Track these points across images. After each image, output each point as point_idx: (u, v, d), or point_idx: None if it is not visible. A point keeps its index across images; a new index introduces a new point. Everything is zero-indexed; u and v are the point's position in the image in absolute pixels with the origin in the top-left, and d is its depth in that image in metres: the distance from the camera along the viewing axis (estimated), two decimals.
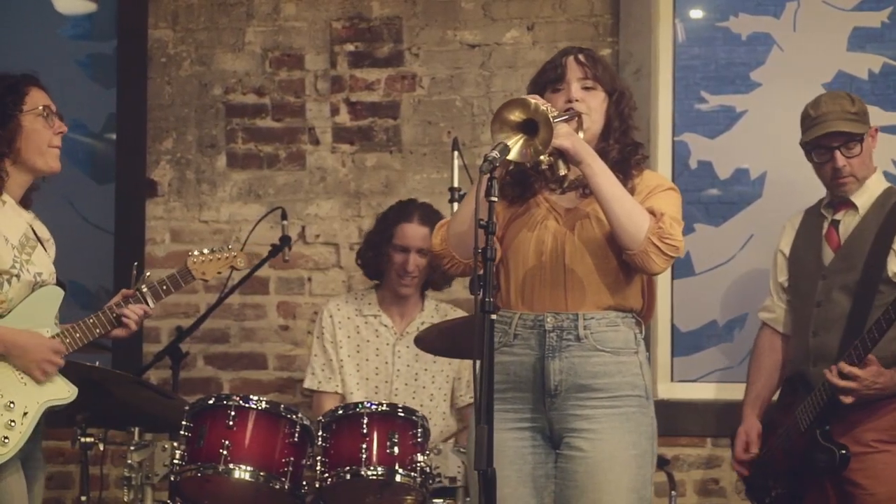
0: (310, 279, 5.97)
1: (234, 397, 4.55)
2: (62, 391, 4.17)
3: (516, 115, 3.55)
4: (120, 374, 4.84)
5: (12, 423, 4.02)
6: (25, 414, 4.06)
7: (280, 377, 5.96)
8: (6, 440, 4.00)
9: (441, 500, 4.67)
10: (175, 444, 4.55)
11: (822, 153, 4.75)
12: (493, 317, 3.35)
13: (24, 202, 4.28)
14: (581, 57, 3.91)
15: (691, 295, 5.79)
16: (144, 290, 4.32)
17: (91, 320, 4.24)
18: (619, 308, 3.81)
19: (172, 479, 4.51)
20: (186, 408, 4.58)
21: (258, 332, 5.98)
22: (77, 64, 6.19)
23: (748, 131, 5.78)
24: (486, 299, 3.33)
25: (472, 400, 4.60)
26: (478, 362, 3.30)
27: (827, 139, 4.70)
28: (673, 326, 5.78)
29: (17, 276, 4.09)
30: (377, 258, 5.29)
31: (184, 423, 4.52)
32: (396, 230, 5.24)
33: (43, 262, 4.23)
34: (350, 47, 5.99)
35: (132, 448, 4.83)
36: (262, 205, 5.91)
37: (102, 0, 6.21)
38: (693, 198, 5.76)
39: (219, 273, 4.56)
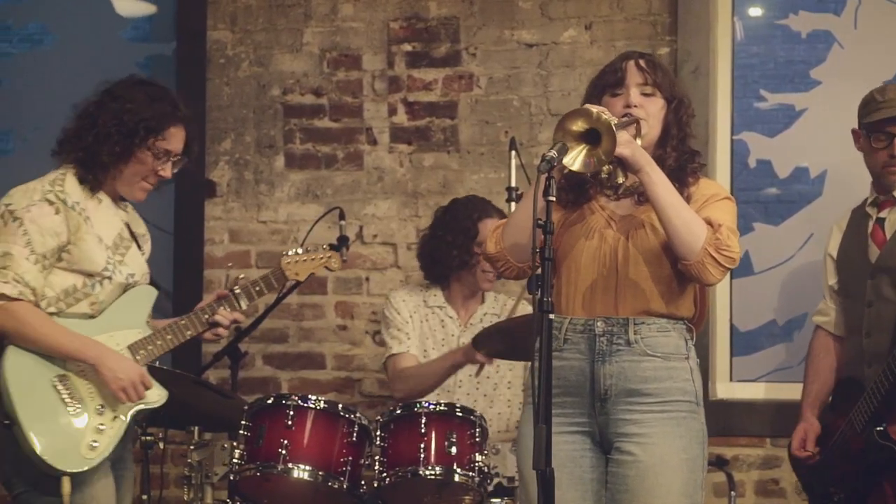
0: (367, 279, 5.98)
1: (293, 397, 4.56)
2: (153, 395, 4.19)
3: (579, 125, 3.51)
4: (180, 374, 4.86)
5: (101, 428, 4.00)
6: (115, 418, 4.05)
7: (338, 377, 5.98)
8: (95, 444, 3.98)
9: (499, 500, 4.66)
10: (234, 443, 4.56)
11: (881, 138, 4.70)
12: (551, 316, 3.35)
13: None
14: (642, 62, 3.85)
15: (750, 294, 5.76)
16: (238, 291, 4.32)
17: (183, 322, 4.25)
18: (671, 316, 3.78)
19: (232, 478, 4.52)
20: (245, 407, 4.59)
21: (316, 331, 6.00)
22: (137, 66, 6.21)
23: (808, 130, 5.74)
24: (545, 299, 3.33)
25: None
26: (533, 362, 3.30)
27: (891, 124, 4.66)
28: (732, 326, 5.75)
29: (109, 277, 4.08)
30: (462, 256, 5.23)
31: (243, 422, 4.54)
32: (481, 227, 5.19)
33: (136, 262, 4.21)
34: (407, 47, 6.00)
35: (192, 447, 4.86)
36: (320, 205, 5.93)
37: (162, 2, 6.25)
38: (752, 197, 5.73)
39: (312, 274, 4.56)
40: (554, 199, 3.40)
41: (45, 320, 4.00)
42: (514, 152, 4.89)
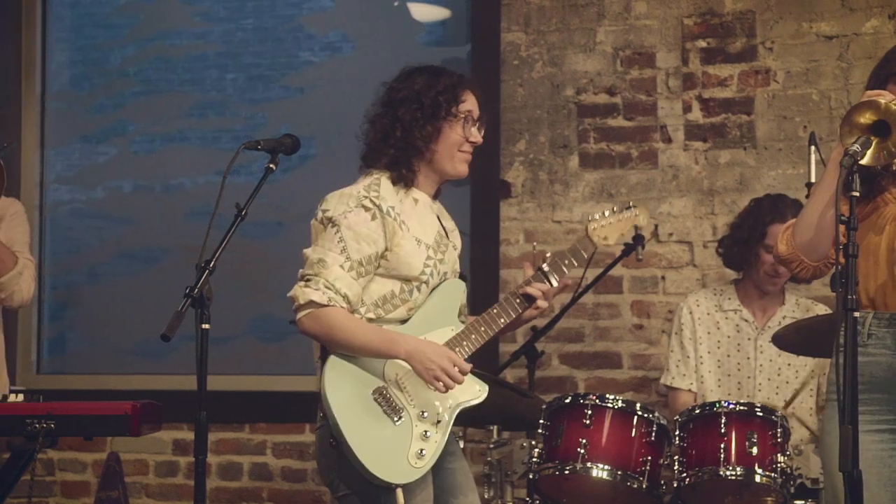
0: (663, 278, 5.94)
1: (591, 396, 4.57)
2: (472, 391, 4.05)
3: (867, 117, 3.44)
4: (479, 374, 4.92)
5: (427, 434, 3.91)
6: (438, 423, 3.95)
7: (635, 376, 5.96)
8: (423, 453, 3.88)
9: (803, 502, 4.57)
10: (533, 442, 4.60)
11: None
12: (857, 314, 3.26)
13: (434, 194, 4.22)
14: None
15: None
16: (546, 269, 4.18)
17: (495, 310, 4.11)
18: None
19: (531, 476, 4.56)
20: (543, 406, 4.62)
21: (612, 331, 5.99)
22: None
23: None
24: (849, 296, 3.25)
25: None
26: (838, 360, 3.22)
27: None
28: None
29: (427, 282, 4.03)
30: (743, 254, 5.19)
31: (541, 421, 4.57)
32: (770, 230, 5.12)
33: (452, 260, 4.16)
34: (702, 43, 5.94)
35: (491, 446, 4.92)
36: (615, 204, 5.90)
37: (456, 6, 6.35)
38: None
39: (621, 235, 4.42)
40: (858, 194, 3.32)
41: (353, 322, 3.94)
42: (813, 147, 4.78)
